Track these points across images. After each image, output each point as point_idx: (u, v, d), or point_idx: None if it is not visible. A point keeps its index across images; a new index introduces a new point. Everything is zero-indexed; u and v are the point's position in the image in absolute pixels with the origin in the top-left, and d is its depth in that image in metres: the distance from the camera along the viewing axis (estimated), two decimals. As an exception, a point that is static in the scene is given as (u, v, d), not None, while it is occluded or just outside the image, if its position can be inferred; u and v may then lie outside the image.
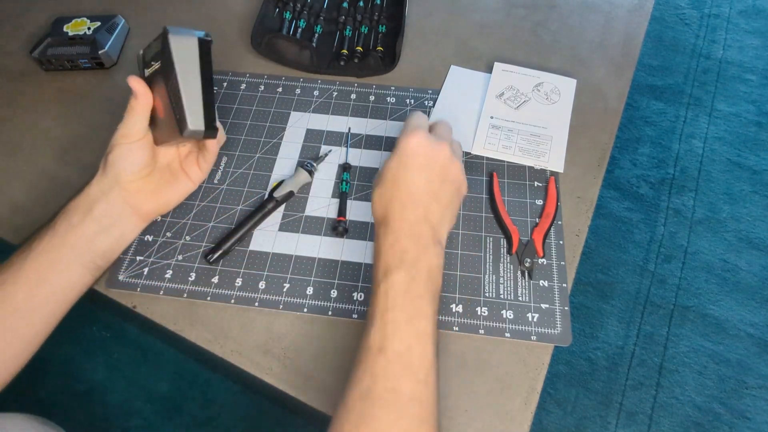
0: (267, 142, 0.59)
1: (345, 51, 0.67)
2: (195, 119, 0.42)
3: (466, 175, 0.46)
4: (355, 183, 0.56)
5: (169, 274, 0.50)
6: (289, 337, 0.47)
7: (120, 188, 0.45)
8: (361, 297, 0.49)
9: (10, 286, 0.41)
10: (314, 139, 0.60)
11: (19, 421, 0.44)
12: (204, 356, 0.47)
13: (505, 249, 0.52)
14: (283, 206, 0.54)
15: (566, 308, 0.48)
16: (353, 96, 0.64)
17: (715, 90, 1.47)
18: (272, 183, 0.55)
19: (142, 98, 0.44)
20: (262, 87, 0.64)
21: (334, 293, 0.49)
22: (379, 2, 0.72)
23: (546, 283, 0.50)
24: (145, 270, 0.50)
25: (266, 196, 0.54)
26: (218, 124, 0.44)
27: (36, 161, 0.59)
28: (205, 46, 0.42)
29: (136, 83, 0.43)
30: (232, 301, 0.49)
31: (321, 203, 0.55)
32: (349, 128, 0.60)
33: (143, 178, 0.46)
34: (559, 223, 0.53)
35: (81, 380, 0.38)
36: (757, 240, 1.21)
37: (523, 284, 0.49)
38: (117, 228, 0.46)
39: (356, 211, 0.54)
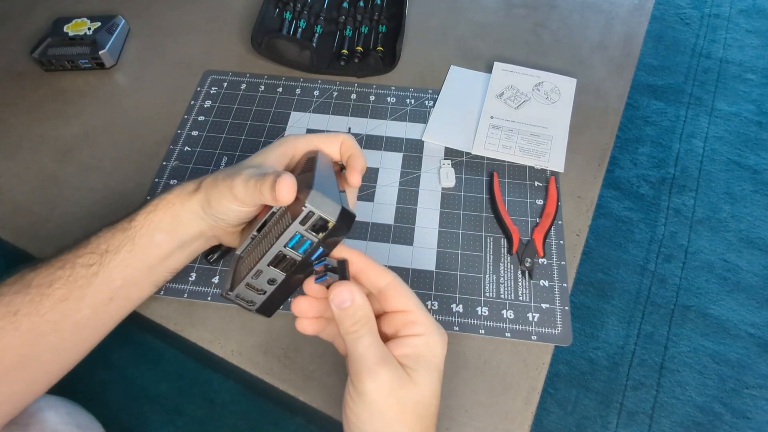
0: (267, 142, 0.59)
1: (345, 51, 0.67)
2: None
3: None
4: (356, 183, 0.56)
5: (169, 274, 0.50)
6: (289, 337, 0.47)
7: (212, 221, 0.40)
8: (361, 297, 0.49)
9: (73, 303, 0.37)
10: (314, 139, 0.59)
11: (53, 401, 0.44)
12: (204, 356, 0.47)
13: (505, 249, 0.52)
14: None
15: (566, 308, 0.48)
16: (353, 96, 0.63)
17: (715, 89, 1.47)
18: None
19: (282, 196, 0.33)
20: (263, 87, 0.64)
21: (334, 293, 0.49)
22: (379, 2, 0.72)
23: (546, 283, 0.49)
24: (146, 270, 0.50)
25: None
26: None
27: (36, 161, 0.59)
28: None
29: (286, 185, 0.33)
30: (233, 301, 0.49)
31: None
32: (350, 128, 0.60)
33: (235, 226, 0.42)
34: (560, 222, 0.53)
35: (80, 380, 0.38)
36: (758, 240, 1.21)
37: (524, 284, 0.49)
38: (193, 248, 0.42)
39: (356, 210, 0.54)
